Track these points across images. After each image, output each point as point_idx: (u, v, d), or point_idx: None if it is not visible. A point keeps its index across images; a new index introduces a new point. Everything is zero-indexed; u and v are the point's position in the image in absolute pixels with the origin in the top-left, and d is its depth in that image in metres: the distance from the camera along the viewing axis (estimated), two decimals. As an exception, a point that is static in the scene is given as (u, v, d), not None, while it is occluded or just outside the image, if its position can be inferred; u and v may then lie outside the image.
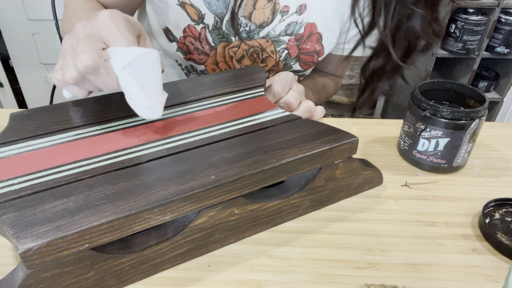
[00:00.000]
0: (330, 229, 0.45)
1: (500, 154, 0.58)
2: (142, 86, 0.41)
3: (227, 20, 0.65)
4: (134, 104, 0.42)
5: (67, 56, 0.40)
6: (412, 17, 0.64)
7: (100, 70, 0.39)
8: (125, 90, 0.41)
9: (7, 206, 0.34)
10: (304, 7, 0.66)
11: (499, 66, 1.81)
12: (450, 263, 0.41)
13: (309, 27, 0.67)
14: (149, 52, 0.41)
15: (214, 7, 0.63)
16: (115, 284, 0.37)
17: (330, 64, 0.82)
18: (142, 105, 0.41)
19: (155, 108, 0.43)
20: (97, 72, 0.39)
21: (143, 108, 0.42)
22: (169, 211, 0.35)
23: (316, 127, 0.46)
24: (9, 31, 1.56)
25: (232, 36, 0.67)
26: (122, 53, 0.40)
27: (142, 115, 0.43)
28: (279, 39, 0.68)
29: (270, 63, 0.71)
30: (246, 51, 0.69)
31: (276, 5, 0.64)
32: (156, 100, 0.43)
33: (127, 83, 0.40)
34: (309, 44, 0.69)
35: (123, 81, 0.40)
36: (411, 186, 0.51)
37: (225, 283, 0.39)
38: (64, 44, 0.42)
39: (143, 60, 0.40)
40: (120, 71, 0.40)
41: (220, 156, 0.41)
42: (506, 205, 0.47)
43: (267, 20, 0.65)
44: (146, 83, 0.41)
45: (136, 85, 0.41)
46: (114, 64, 0.40)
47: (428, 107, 0.49)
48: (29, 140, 0.43)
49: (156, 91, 0.43)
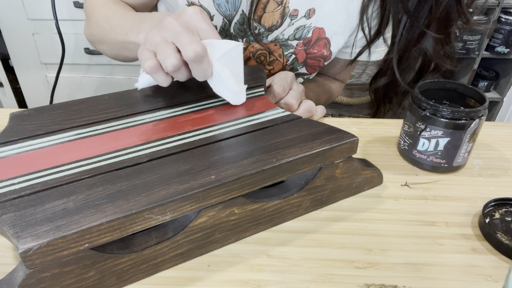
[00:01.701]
0: (330, 229, 0.45)
1: (500, 154, 0.58)
2: (233, 74, 0.46)
3: (235, 22, 0.65)
4: (227, 90, 0.47)
5: (162, 46, 0.43)
6: (423, 39, 0.65)
7: (205, 59, 0.43)
8: (221, 77, 0.46)
9: (7, 206, 0.34)
10: (313, 11, 0.65)
11: (499, 66, 1.81)
12: (450, 263, 0.41)
13: (317, 31, 0.67)
14: (238, 45, 0.47)
15: (223, 8, 0.63)
16: (115, 283, 0.37)
17: (334, 68, 0.82)
18: (235, 89, 0.46)
19: (243, 93, 0.48)
20: (202, 60, 0.43)
21: (236, 92, 0.47)
22: (169, 211, 0.35)
23: (316, 127, 0.46)
24: (9, 31, 1.56)
25: (239, 38, 0.67)
26: (217, 45, 0.45)
27: (232, 100, 0.48)
28: (287, 43, 0.68)
29: (277, 67, 0.71)
30: (253, 54, 0.69)
31: (286, 9, 0.64)
32: (243, 86, 0.48)
33: (223, 70, 0.45)
34: (317, 49, 0.69)
35: (219, 68, 0.45)
36: (411, 186, 0.51)
37: (225, 283, 0.39)
38: (152, 37, 0.45)
39: (234, 52, 0.46)
40: (217, 60, 0.45)
41: (220, 156, 0.41)
42: (506, 205, 0.47)
43: (276, 23, 0.65)
44: (235, 72, 0.47)
45: (230, 72, 0.46)
46: (210, 55, 0.45)
47: (428, 106, 0.49)
48: (29, 140, 0.43)
49: (242, 79, 0.48)
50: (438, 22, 0.63)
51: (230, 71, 0.46)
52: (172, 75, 0.46)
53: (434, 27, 0.63)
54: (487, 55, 1.69)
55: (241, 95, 0.48)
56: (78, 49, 1.58)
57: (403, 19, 0.64)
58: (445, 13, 0.62)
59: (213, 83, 0.47)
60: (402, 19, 0.64)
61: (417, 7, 0.62)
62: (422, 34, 0.64)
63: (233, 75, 0.46)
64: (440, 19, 0.62)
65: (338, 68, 0.81)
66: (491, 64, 1.82)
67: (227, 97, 0.48)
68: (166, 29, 0.44)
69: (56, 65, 1.46)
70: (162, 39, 0.44)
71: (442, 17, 0.62)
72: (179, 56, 0.43)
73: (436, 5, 0.60)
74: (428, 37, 0.64)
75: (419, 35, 0.64)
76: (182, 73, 0.45)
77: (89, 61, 1.62)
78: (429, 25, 0.63)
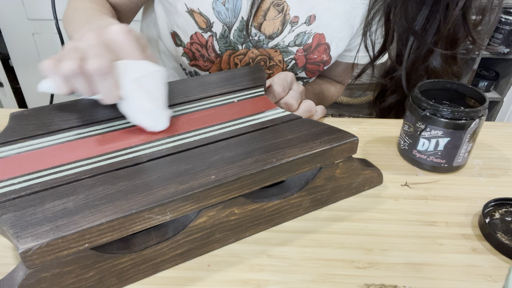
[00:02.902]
0: (330, 229, 0.45)
1: (500, 154, 0.58)
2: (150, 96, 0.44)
3: (235, 29, 0.64)
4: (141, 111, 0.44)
5: (68, 53, 0.41)
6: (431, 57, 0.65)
7: (108, 77, 0.41)
8: (133, 97, 0.43)
9: (7, 206, 0.34)
10: (313, 18, 0.65)
11: (499, 66, 1.81)
12: (450, 263, 0.41)
13: (317, 37, 0.67)
14: (158, 70, 0.44)
15: (223, 16, 0.63)
16: (115, 283, 0.37)
17: (335, 71, 0.82)
18: (150, 108, 0.43)
19: (163, 116, 0.45)
20: (104, 78, 0.41)
21: (151, 112, 0.44)
22: (169, 211, 0.35)
23: (316, 127, 0.46)
24: (9, 31, 1.56)
25: (239, 44, 0.67)
26: (135, 67, 0.43)
27: (148, 124, 0.44)
28: (287, 50, 0.68)
29: (276, 71, 0.71)
30: (253, 59, 0.69)
31: (287, 16, 0.64)
32: (164, 110, 0.45)
33: (135, 90, 0.43)
34: (316, 54, 0.69)
35: (131, 90, 0.42)
36: (411, 186, 0.51)
37: (225, 283, 0.39)
38: (67, 46, 0.43)
39: (154, 75, 0.44)
40: (130, 82, 0.42)
41: (220, 156, 0.41)
42: (506, 205, 0.47)
43: (277, 31, 0.65)
44: (153, 95, 0.44)
45: (144, 93, 0.43)
46: (122, 76, 0.42)
47: (428, 106, 0.49)
48: (29, 140, 0.43)
49: (162, 103, 0.45)
50: (445, 42, 0.63)
51: (146, 93, 0.43)
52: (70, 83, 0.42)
53: (442, 45, 0.64)
54: (487, 55, 1.68)
55: (159, 117, 0.44)
56: (78, 49, 1.57)
57: (410, 38, 0.65)
58: (452, 33, 0.63)
59: (125, 106, 0.44)
60: (409, 38, 0.65)
61: (424, 26, 0.63)
62: (429, 52, 0.65)
63: (149, 97, 0.43)
64: (447, 38, 0.63)
65: (338, 71, 0.82)
66: (491, 64, 1.82)
67: (142, 121, 0.44)
68: (81, 41, 0.42)
69: (56, 65, 1.46)
70: (74, 47, 0.42)
71: (450, 36, 0.63)
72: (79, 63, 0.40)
73: (444, 24, 0.61)
74: (436, 55, 0.65)
75: (426, 53, 0.65)
76: (81, 84, 0.41)
77: (89, 61, 1.61)
78: (436, 43, 0.63)
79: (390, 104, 0.75)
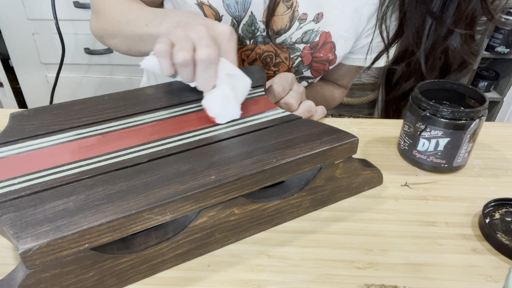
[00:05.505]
0: (330, 229, 0.45)
1: (500, 154, 0.58)
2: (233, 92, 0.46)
3: (244, 24, 0.64)
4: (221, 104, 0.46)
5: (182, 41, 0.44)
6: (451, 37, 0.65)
7: (212, 67, 0.44)
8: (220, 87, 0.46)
9: (7, 206, 0.34)
10: (321, 16, 0.66)
11: (499, 66, 1.81)
12: (450, 263, 0.41)
13: (324, 35, 0.67)
14: (248, 79, 0.49)
15: (232, 9, 0.63)
16: (115, 284, 0.37)
17: (337, 73, 0.82)
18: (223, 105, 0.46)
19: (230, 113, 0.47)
20: (210, 67, 0.44)
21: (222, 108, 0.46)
22: (169, 211, 0.35)
23: (316, 127, 0.46)
24: (9, 31, 1.56)
25: (247, 39, 0.67)
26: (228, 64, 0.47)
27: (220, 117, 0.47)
28: (294, 47, 0.68)
29: (282, 69, 0.71)
30: (260, 55, 0.69)
31: (295, 13, 0.64)
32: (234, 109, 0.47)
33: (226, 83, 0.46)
34: (323, 53, 0.69)
35: (223, 81, 0.46)
36: (411, 186, 0.51)
37: (225, 283, 0.39)
38: (177, 32, 0.46)
39: (241, 78, 0.48)
40: (224, 75, 0.46)
41: (220, 156, 0.41)
42: (506, 205, 0.47)
43: (285, 27, 0.65)
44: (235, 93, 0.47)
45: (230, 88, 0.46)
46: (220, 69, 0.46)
47: (428, 107, 0.49)
48: (29, 140, 0.43)
49: (238, 103, 0.47)
50: (464, 21, 0.63)
51: (232, 88, 0.46)
52: (177, 69, 0.46)
53: (462, 25, 0.64)
54: (487, 55, 1.68)
55: (231, 112, 0.47)
56: (78, 49, 1.58)
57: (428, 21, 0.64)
58: (471, 11, 0.62)
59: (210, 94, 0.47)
60: (426, 21, 0.64)
61: (442, 8, 0.63)
62: (449, 33, 0.65)
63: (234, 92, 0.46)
64: (466, 17, 0.63)
65: (341, 74, 0.81)
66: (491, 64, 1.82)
67: (217, 110, 0.46)
68: (192, 31, 0.45)
69: (56, 65, 1.46)
70: (185, 36, 0.45)
71: (468, 15, 0.63)
72: (193, 54, 0.44)
73: (465, 3, 0.61)
74: (455, 36, 0.65)
75: (446, 33, 0.65)
76: (187, 72, 0.45)
77: (89, 61, 1.62)
78: (456, 23, 0.63)
79: (404, 91, 0.75)
